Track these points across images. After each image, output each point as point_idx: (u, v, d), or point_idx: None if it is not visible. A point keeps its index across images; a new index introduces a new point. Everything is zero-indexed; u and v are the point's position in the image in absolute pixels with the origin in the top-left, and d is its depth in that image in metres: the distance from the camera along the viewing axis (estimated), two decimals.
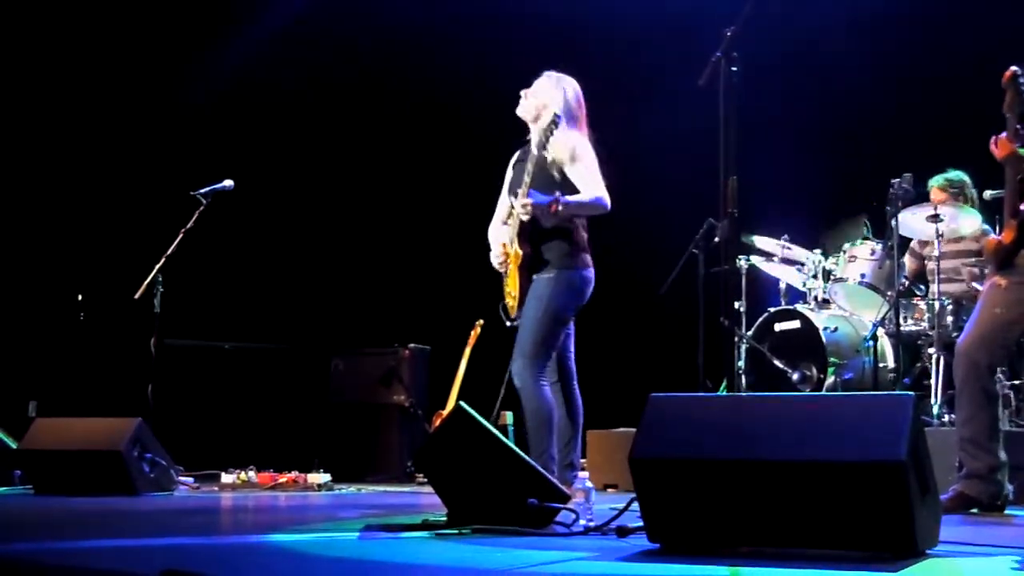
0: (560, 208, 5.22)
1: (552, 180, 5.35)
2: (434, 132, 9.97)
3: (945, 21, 8.18)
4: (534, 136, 5.46)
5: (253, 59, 9.43)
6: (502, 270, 5.53)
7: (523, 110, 5.55)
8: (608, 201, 5.35)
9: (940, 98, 8.19)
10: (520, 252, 5.38)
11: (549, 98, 5.48)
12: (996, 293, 4.94)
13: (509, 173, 5.68)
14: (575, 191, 5.34)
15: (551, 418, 5.29)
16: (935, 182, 7.23)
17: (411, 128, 10.03)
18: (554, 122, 5.30)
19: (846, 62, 8.42)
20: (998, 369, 5.07)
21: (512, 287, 5.43)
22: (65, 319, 8.88)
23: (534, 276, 5.41)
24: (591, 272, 5.45)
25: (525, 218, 5.29)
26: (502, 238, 5.54)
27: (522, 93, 5.56)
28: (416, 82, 9.90)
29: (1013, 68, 4.76)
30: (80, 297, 8.92)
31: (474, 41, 9.43)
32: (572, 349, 5.56)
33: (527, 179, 5.32)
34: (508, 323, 5.49)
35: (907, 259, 7.45)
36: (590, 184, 5.36)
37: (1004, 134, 4.90)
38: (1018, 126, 4.84)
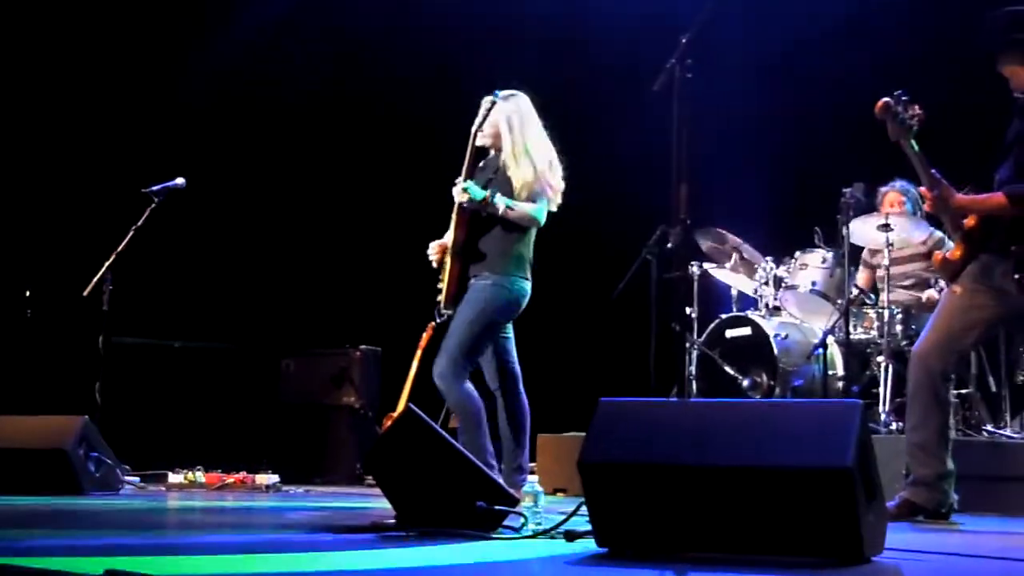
0: (491, 207, 5.35)
1: (508, 187, 5.45)
2: (386, 134, 9.92)
3: (906, 29, 8.22)
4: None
5: (208, 60, 9.36)
6: (435, 263, 5.58)
7: (484, 141, 5.63)
8: (542, 217, 5.47)
9: None
10: (455, 238, 5.41)
11: (498, 123, 5.56)
12: (951, 300, 5.00)
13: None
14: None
15: (479, 414, 5.37)
16: (887, 190, 7.30)
17: (363, 130, 9.99)
18: (493, 101, 5.49)
19: (803, 70, 8.45)
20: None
21: (443, 277, 5.45)
22: (11, 315, 8.77)
23: (471, 281, 5.43)
24: (528, 285, 5.49)
25: (460, 199, 5.37)
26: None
27: (479, 129, 5.62)
28: (369, 84, 9.86)
29: (885, 99, 4.79)
30: (27, 293, 8.82)
31: (415, 51, 9.46)
32: (513, 353, 5.58)
33: (466, 162, 5.47)
34: (437, 319, 5.51)
35: (860, 271, 7.50)
36: (532, 199, 5.46)
37: (922, 188, 4.93)
38: (932, 170, 4.86)
